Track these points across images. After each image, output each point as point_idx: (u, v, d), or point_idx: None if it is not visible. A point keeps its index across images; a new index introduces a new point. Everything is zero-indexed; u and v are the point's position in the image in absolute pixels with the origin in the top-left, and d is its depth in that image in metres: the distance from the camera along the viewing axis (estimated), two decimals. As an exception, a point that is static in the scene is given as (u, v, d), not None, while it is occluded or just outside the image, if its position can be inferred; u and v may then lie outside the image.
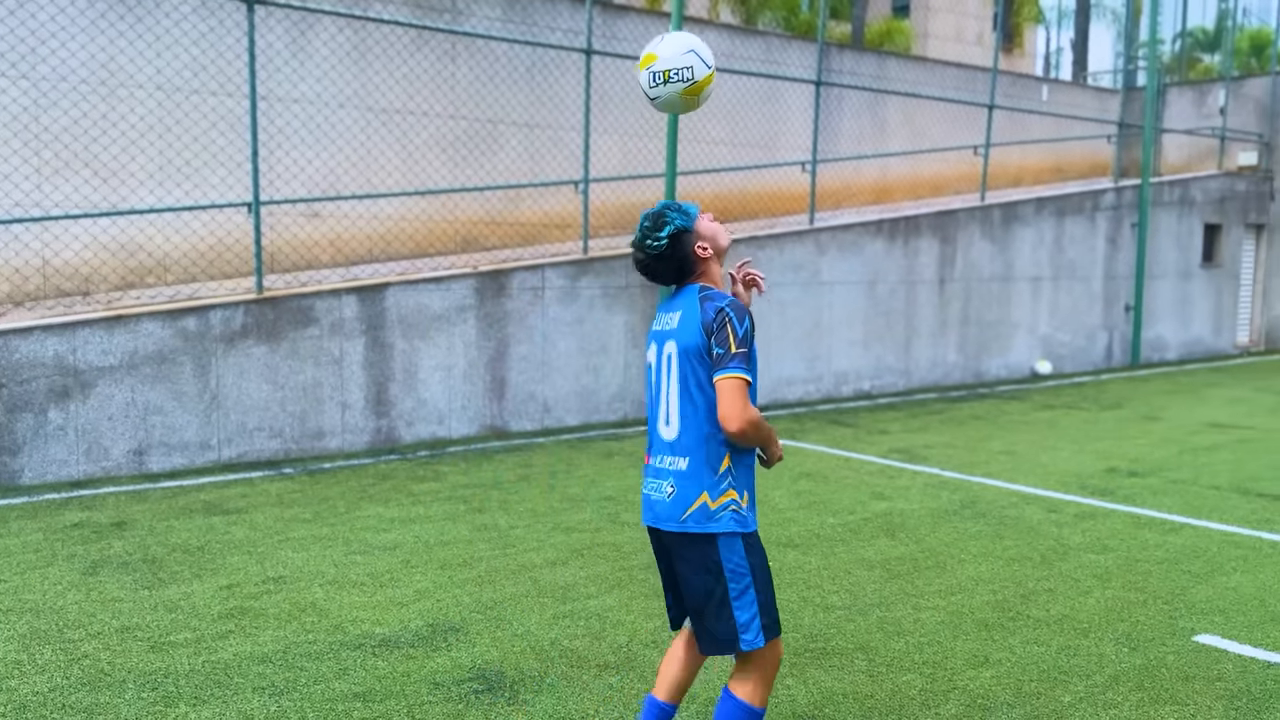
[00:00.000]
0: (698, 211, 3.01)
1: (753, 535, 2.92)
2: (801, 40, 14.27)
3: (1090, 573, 5.44)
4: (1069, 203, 14.28)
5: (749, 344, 2.82)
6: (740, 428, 2.78)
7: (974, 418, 10.50)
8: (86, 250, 8.63)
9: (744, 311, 2.86)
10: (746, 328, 2.84)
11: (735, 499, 2.86)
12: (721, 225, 3.07)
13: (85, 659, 4.17)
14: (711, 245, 3.00)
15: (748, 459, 2.94)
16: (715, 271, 3.03)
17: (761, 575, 2.89)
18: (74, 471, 7.22)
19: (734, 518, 2.85)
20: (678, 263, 2.96)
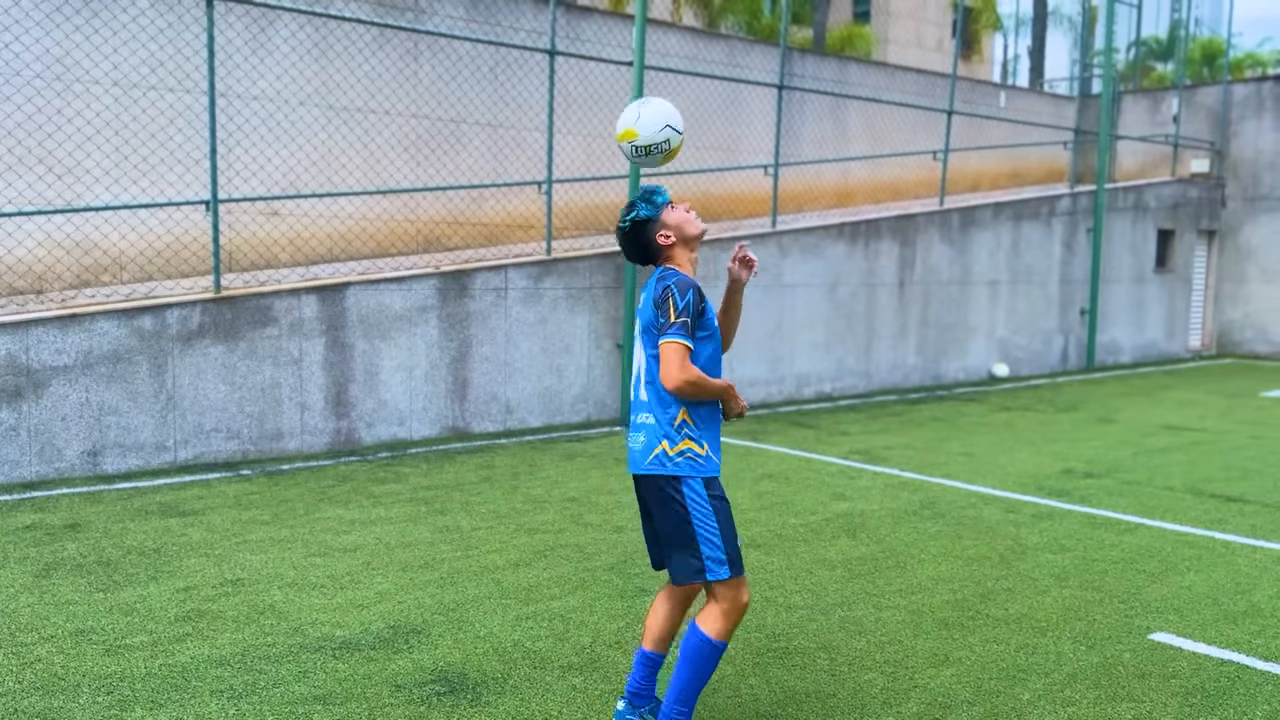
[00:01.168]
0: (666, 202, 3.36)
1: (714, 480, 3.26)
2: (764, 44, 14.35)
3: (1048, 572, 5.51)
4: (1026, 208, 14.47)
5: (689, 313, 3.16)
6: (675, 386, 3.14)
7: (933, 419, 10.61)
8: (40, 248, 8.47)
9: (688, 286, 3.19)
10: (689, 300, 3.17)
11: (692, 447, 3.23)
12: (693, 215, 3.38)
13: (38, 663, 4.09)
14: (676, 234, 3.34)
15: (706, 414, 3.28)
16: (682, 256, 3.37)
17: (724, 514, 3.24)
18: (26, 473, 7.07)
19: (690, 464, 3.23)
20: (640, 247, 3.37)
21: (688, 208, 3.40)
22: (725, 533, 3.21)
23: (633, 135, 3.38)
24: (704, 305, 3.25)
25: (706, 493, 3.22)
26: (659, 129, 3.37)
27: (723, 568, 3.20)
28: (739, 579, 3.24)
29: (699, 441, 3.24)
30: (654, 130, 3.37)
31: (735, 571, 3.21)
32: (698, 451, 3.23)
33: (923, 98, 15.64)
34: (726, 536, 3.21)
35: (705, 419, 3.28)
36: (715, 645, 3.21)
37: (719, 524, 3.21)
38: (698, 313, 3.21)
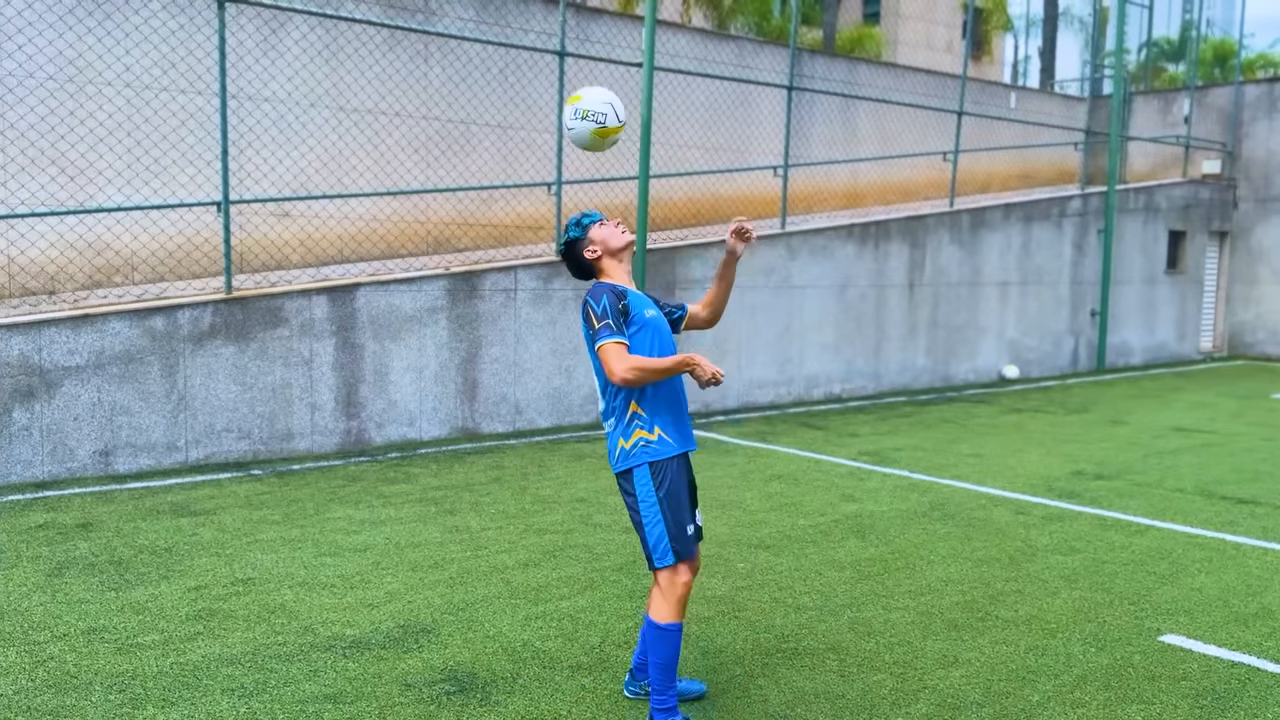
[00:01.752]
0: (594, 221, 3.71)
1: (665, 462, 3.50)
2: (773, 45, 14.34)
3: (1058, 574, 5.50)
4: (1036, 209, 14.43)
5: (610, 314, 3.45)
6: (621, 378, 3.40)
7: (943, 421, 10.59)
8: (53, 249, 8.52)
9: (602, 293, 3.49)
10: (604, 304, 3.46)
11: (644, 436, 3.51)
12: (617, 229, 3.70)
13: (51, 661, 4.11)
14: (602, 247, 3.68)
15: (659, 399, 3.54)
16: (611, 267, 3.69)
17: (670, 504, 3.48)
18: (39, 472, 7.11)
19: (644, 451, 3.50)
20: (576, 264, 3.74)
21: (617, 223, 3.71)
22: (670, 523, 3.46)
23: (577, 99, 3.72)
24: (625, 304, 3.52)
25: (653, 483, 3.48)
26: (602, 103, 3.71)
27: (666, 555, 3.46)
28: (678, 565, 3.48)
29: (649, 429, 3.51)
30: (598, 101, 3.71)
31: (679, 558, 3.47)
32: (648, 438, 3.51)
33: (933, 99, 15.62)
34: (670, 526, 3.46)
35: (656, 404, 3.54)
36: (663, 628, 3.47)
37: (663, 514, 3.47)
38: (619, 311, 3.49)
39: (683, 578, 3.48)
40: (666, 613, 3.47)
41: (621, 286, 3.61)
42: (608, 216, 3.85)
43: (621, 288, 3.59)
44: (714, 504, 6.89)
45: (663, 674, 3.48)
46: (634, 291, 3.64)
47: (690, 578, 3.51)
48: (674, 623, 3.46)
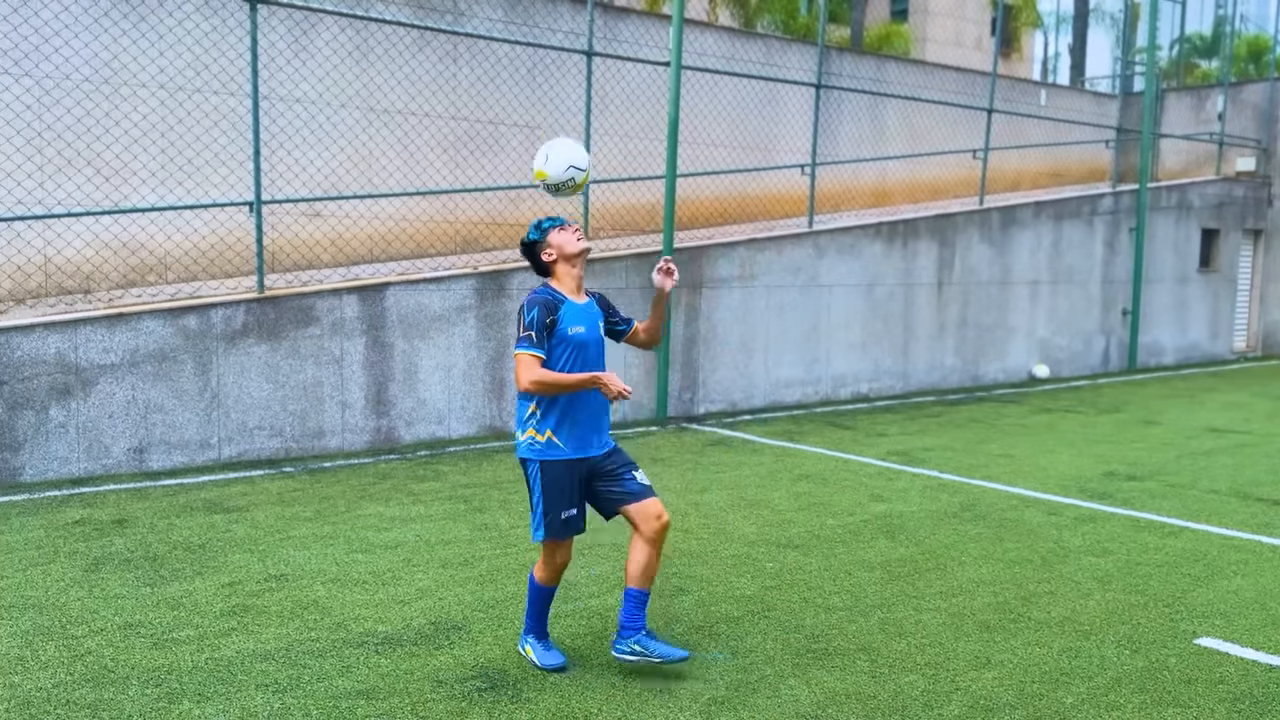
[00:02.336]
0: (554, 226, 4.02)
1: (552, 463, 3.95)
2: (801, 43, 14.30)
3: (1091, 575, 5.45)
4: (1067, 207, 14.31)
5: (534, 327, 3.86)
6: (523, 388, 3.87)
7: (972, 421, 10.52)
8: (88, 248, 8.63)
9: (535, 304, 3.88)
10: (533, 316, 3.87)
11: (534, 436, 3.96)
12: (575, 236, 4.00)
13: (88, 655, 4.17)
14: (557, 252, 4.01)
15: (554, 408, 3.93)
16: (563, 271, 4.02)
17: (551, 491, 3.94)
18: (75, 469, 7.21)
19: (530, 449, 3.98)
20: (533, 262, 4.09)
21: (575, 229, 4.02)
22: (546, 508, 3.95)
23: (544, 175, 4.00)
24: (554, 318, 3.91)
25: (540, 477, 3.96)
26: (564, 169, 3.97)
27: (538, 532, 3.99)
28: (553, 542, 4.02)
29: (540, 430, 3.95)
30: (560, 171, 3.98)
31: (548, 537, 3.98)
32: (536, 438, 3.96)
33: (962, 96, 15.51)
34: (548, 513, 3.95)
35: (553, 411, 3.95)
36: (538, 586, 4.11)
37: (543, 503, 3.95)
38: (544, 325, 3.88)
39: (560, 555, 4.06)
40: (545, 577, 4.10)
41: (561, 297, 3.96)
42: (570, 222, 4.08)
43: (559, 299, 3.95)
44: (741, 503, 6.88)
45: (535, 615, 4.16)
46: (572, 304, 3.98)
47: (567, 556, 4.08)
48: (550, 585, 4.11)
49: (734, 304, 10.75)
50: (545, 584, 4.11)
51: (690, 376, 10.48)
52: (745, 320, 10.86)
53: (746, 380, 10.94)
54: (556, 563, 4.07)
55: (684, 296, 10.36)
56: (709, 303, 10.56)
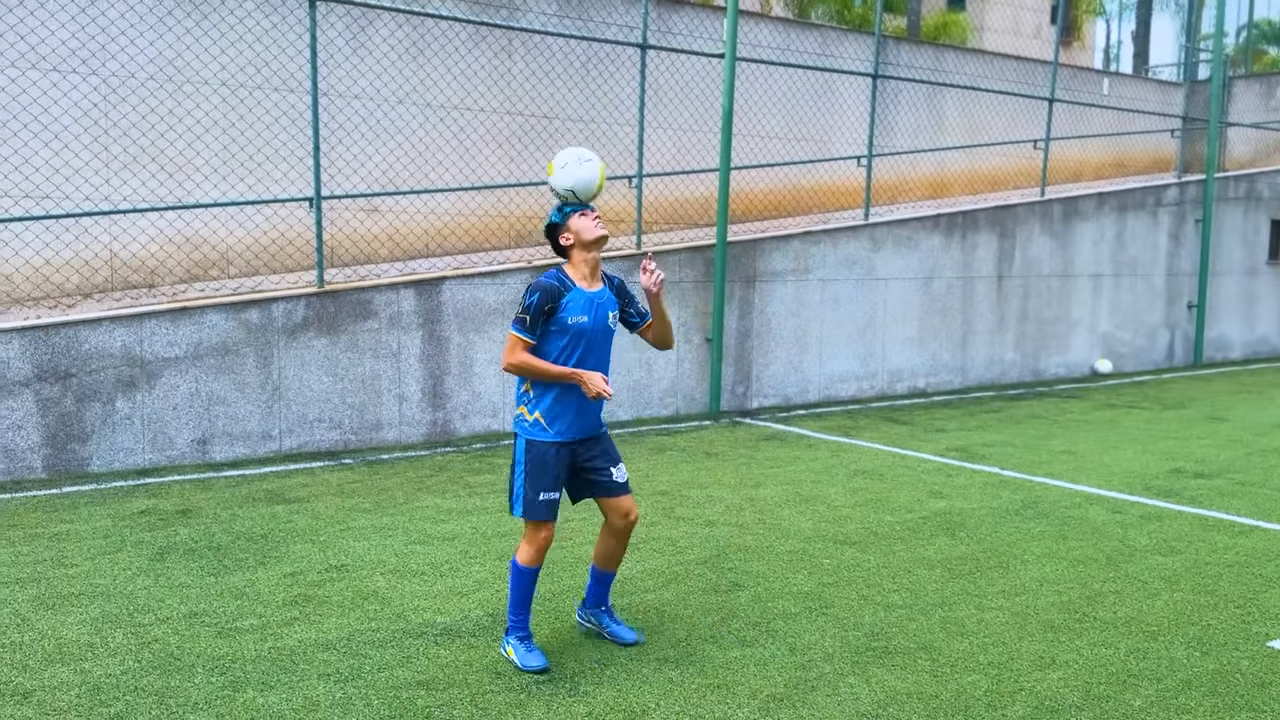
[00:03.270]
0: (575, 211, 4.06)
1: (538, 443, 4.04)
2: (856, 34, 14.13)
3: (1158, 575, 5.33)
4: (1131, 198, 13.99)
5: (531, 311, 3.94)
6: (504, 367, 4.02)
7: (1033, 416, 10.34)
8: (153, 243, 8.80)
9: (537, 289, 3.95)
10: (533, 300, 3.94)
11: (524, 414, 4.08)
12: (594, 223, 4.04)
13: (155, 643, 4.25)
14: (575, 238, 4.06)
15: (547, 391, 4.03)
16: (578, 256, 4.08)
17: (533, 469, 4.01)
18: (140, 460, 7.37)
19: (519, 425, 4.10)
20: (553, 243, 4.14)
21: (594, 217, 4.06)
22: (529, 485, 4.02)
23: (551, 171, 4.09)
24: (553, 305, 3.96)
25: (525, 452, 4.05)
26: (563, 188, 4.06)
27: (517, 507, 4.06)
28: (535, 522, 4.04)
29: (530, 409, 4.06)
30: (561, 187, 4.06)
31: (526, 515, 4.03)
32: (524, 416, 4.08)
33: (1022, 85, 15.22)
34: (528, 487, 4.02)
35: (545, 393, 4.04)
36: (520, 568, 4.09)
37: (525, 478, 4.03)
38: (543, 311, 3.95)
39: (543, 534, 4.07)
40: (526, 557, 4.08)
41: (569, 284, 4.02)
42: (592, 208, 4.09)
43: (566, 286, 4.01)
44: (797, 499, 6.83)
45: (517, 606, 4.10)
46: (579, 291, 4.03)
47: (549, 535, 4.08)
48: (528, 566, 4.08)
49: (788, 297, 10.67)
50: (529, 564, 4.08)
51: (744, 370, 10.43)
52: (799, 314, 10.78)
53: (800, 374, 10.86)
54: (540, 540, 4.06)
55: (738, 290, 10.31)
56: (763, 296, 10.49)
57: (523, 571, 4.09)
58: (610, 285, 4.17)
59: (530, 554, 4.07)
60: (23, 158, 8.18)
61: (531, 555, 4.07)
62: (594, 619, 4.40)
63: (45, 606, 4.63)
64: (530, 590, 4.12)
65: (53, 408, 7.06)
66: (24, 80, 8.16)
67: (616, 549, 4.27)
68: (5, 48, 8.07)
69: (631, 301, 4.27)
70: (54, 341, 7.05)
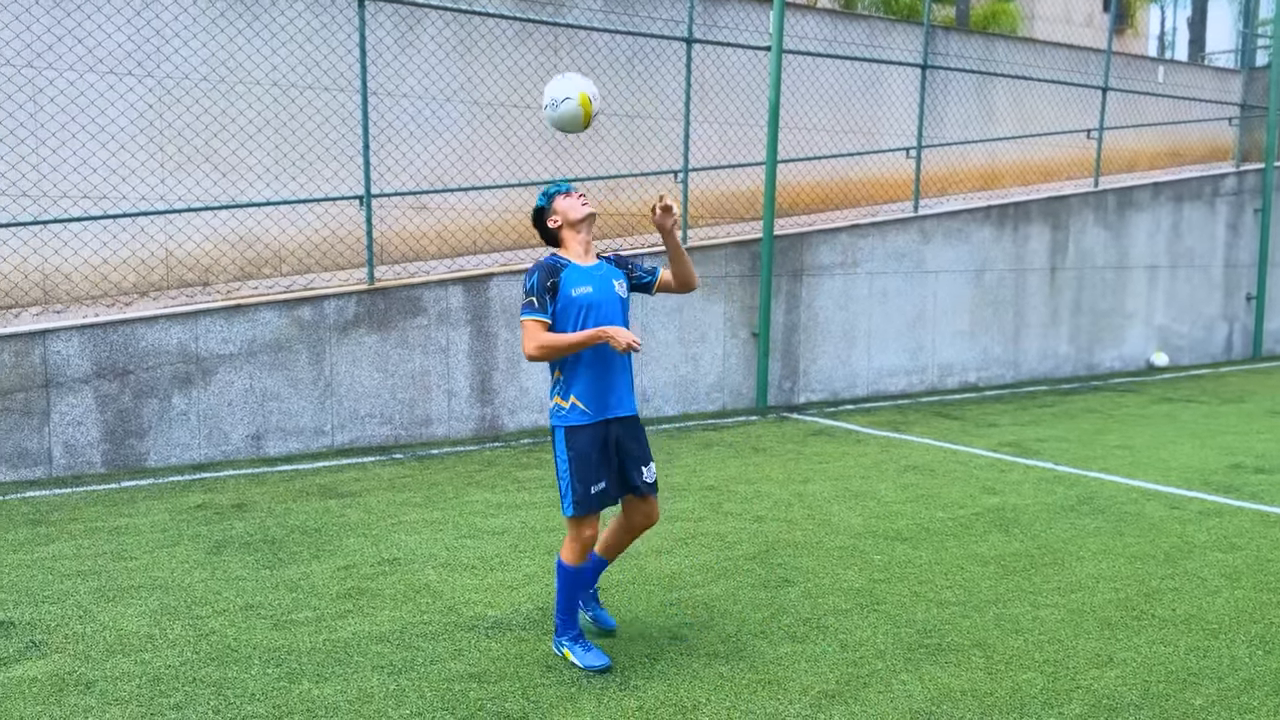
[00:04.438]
0: (558, 192, 4.04)
1: (577, 429, 3.94)
2: (905, 24, 13.97)
3: (1218, 572, 5.21)
4: (1187, 188, 13.70)
5: (536, 292, 3.86)
6: (529, 355, 3.87)
7: (1088, 411, 10.17)
8: (207, 242, 8.95)
9: (534, 270, 3.89)
10: (534, 280, 3.87)
11: (559, 403, 3.99)
12: (578, 201, 4.01)
13: (212, 635, 4.32)
14: (562, 218, 4.03)
15: (575, 371, 3.94)
16: (569, 238, 4.04)
17: (578, 463, 3.92)
18: (196, 455, 7.50)
19: (555, 415, 4.01)
20: (541, 230, 4.10)
21: (579, 195, 4.02)
22: (576, 480, 3.92)
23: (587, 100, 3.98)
24: (554, 280, 3.88)
25: (566, 444, 3.95)
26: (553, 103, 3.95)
27: (568, 508, 3.95)
28: (579, 519, 3.94)
29: (564, 395, 3.97)
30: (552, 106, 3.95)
31: (578, 512, 3.93)
32: (560, 405, 3.99)
33: (1074, 74, 14.96)
34: (575, 483, 3.92)
35: (574, 374, 3.95)
36: (567, 569, 4.01)
37: (570, 473, 3.93)
38: (546, 288, 3.86)
39: (587, 531, 3.97)
40: (568, 555, 4.01)
41: (563, 261, 3.95)
42: (575, 189, 4.05)
43: (561, 263, 3.94)
44: (846, 494, 6.78)
45: (566, 607, 4.05)
46: (576, 266, 3.96)
47: (594, 532, 3.99)
48: (573, 565, 4.01)
49: (835, 291, 10.59)
50: (574, 564, 4.00)
51: (791, 365, 10.37)
52: (847, 308, 10.69)
53: (849, 369, 10.77)
54: (584, 538, 3.97)
55: (784, 284, 10.25)
56: (810, 290, 10.42)
57: (573, 571, 4.03)
58: (608, 261, 4.13)
59: (576, 552, 4.00)
60: (81, 159, 8.36)
61: (577, 554, 4.00)
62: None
63: (106, 599, 4.73)
64: (578, 591, 4.09)
65: (111, 404, 7.21)
66: (82, 83, 8.33)
67: (626, 543, 4.25)
68: (64, 51, 8.24)
69: (636, 265, 4.20)
70: (112, 339, 7.19)
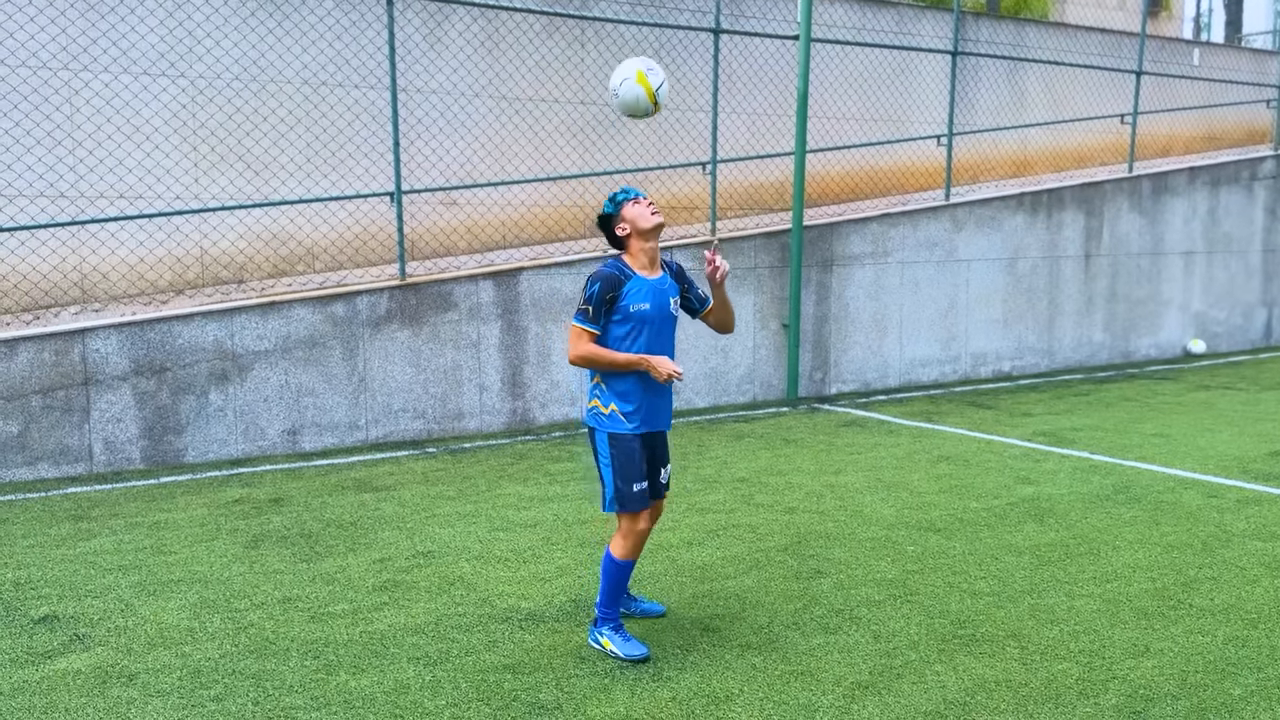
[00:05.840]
0: (627, 199, 4.02)
1: (621, 436, 3.98)
2: (934, 11, 13.84)
3: (1257, 561, 5.15)
4: (1224, 172, 13.49)
5: (593, 302, 3.90)
6: (570, 359, 3.98)
7: (1123, 399, 10.06)
8: (241, 240, 9.05)
9: (597, 279, 3.91)
10: (594, 290, 3.90)
11: (598, 406, 4.02)
12: (647, 209, 3.99)
13: (251, 628, 4.39)
14: (631, 226, 4.01)
15: (620, 382, 3.98)
16: (636, 245, 4.02)
17: (620, 462, 3.96)
18: (233, 450, 7.60)
19: (593, 418, 4.05)
20: (609, 236, 4.08)
21: (649, 203, 4.01)
22: (618, 479, 3.96)
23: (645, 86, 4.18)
24: (615, 294, 3.90)
25: (610, 447, 3.98)
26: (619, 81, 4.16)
27: (610, 504, 4.01)
28: (631, 514, 3.99)
29: (604, 402, 4.00)
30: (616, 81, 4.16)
31: (623, 509, 3.98)
32: (600, 410, 4.02)
33: (1107, 59, 14.76)
34: (618, 481, 3.96)
35: (622, 388, 3.99)
36: (615, 561, 4.03)
37: (613, 473, 3.97)
38: (605, 301, 3.90)
39: (641, 525, 4.02)
40: (621, 550, 4.03)
41: (629, 272, 3.96)
42: (644, 196, 4.03)
43: (626, 274, 3.95)
44: (879, 485, 6.75)
45: (610, 599, 4.08)
46: (640, 279, 3.97)
47: (647, 525, 4.04)
48: (626, 559, 4.03)
49: (866, 281, 10.54)
50: (626, 558, 4.02)
51: (821, 356, 10.34)
52: (878, 298, 10.63)
53: (880, 359, 10.72)
54: (638, 531, 4.00)
55: (814, 275, 10.21)
56: (840, 281, 10.38)
57: (620, 565, 4.04)
58: (670, 271, 4.13)
59: (627, 548, 4.02)
60: (116, 159, 8.48)
61: (628, 549, 4.02)
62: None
63: (147, 592, 4.81)
64: (625, 583, 4.11)
65: (149, 401, 7.32)
66: (116, 84, 8.45)
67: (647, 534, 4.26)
68: (99, 53, 8.36)
69: (692, 287, 4.23)
70: (149, 337, 7.30)
